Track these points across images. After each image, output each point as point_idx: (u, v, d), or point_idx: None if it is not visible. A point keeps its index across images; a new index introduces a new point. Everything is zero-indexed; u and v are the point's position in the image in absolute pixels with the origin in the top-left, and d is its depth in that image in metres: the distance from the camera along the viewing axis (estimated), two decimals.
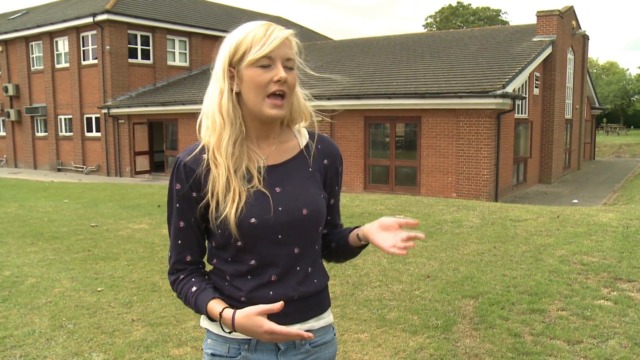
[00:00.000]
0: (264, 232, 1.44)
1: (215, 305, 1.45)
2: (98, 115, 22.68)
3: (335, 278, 5.31)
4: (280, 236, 1.46)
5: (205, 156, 1.47)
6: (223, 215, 1.42)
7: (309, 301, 1.53)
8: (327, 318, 1.59)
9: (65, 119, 24.28)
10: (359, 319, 4.31)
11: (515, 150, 15.66)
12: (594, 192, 16.12)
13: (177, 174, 1.48)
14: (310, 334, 1.40)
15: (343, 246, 1.63)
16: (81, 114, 23.35)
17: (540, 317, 4.26)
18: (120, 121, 21.92)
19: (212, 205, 1.44)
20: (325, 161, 1.60)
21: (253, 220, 1.43)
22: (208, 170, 1.45)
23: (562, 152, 19.71)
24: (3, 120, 27.24)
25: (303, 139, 1.59)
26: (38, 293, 5.21)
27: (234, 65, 1.44)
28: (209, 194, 1.44)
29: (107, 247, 7.09)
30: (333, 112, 16.03)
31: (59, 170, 24.53)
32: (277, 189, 1.48)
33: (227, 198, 1.42)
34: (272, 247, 1.46)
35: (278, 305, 1.37)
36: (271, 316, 1.44)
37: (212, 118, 1.46)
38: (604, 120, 52.45)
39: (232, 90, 1.45)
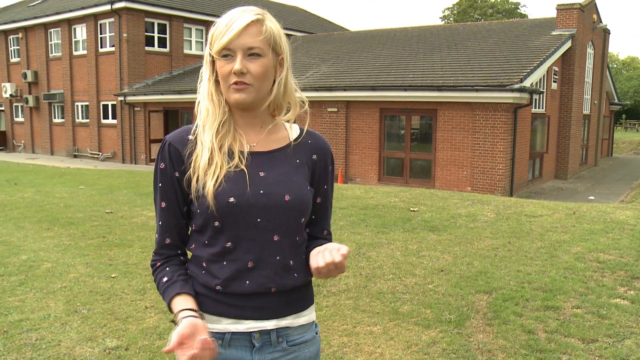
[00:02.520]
0: (242, 212, 1.42)
1: (179, 303, 1.42)
2: (114, 103, 22.81)
3: (348, 270, 5.31)
4: (259, 220, 1.43)
5: (191, 137, 1.48)
6: (203, 189, 1.42)
7: (287, 296, 1.50)
8: (308, 316, 1.56)
9: (82, 105, 24.45)
10: (372, 311, 4.30)
11: (532, 145, 15.51)
12: (610, 189, 15.93)
13: (162, 154, 1.49)
14: None
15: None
16: (98, 101, 23.51)
17: (555, 314, 4.22)
18: (136, 109, 22.04)
19: (193, 180, 1.44)
20: (314, 156, 1.57)
21: (232, 199, 1.41)
22: (191, 151, 1.46)
23: (579, 148, 19.50)
24: (21, 107, 27.52)
25: (293, 132, 1.58)
26: (53, 278, 5.26)
27: (212, 54, 1.47)
28: (191, 170, 1.45)
29: (121, 233, 7.14)
30: (349, 103, 16.00)
31: (75, 156, 24.74)
32: (261, 173, 1.47)
33: (208, 172, 1.42)
34: (250, 230, 1.43)
35: (213, 345, 1.32)
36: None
37: (202, 103, 1.51)
38: (623, 116, 51.70)
39: (213, 77, 1.49)
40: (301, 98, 1.57)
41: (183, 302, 1.42)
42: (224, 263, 1.45)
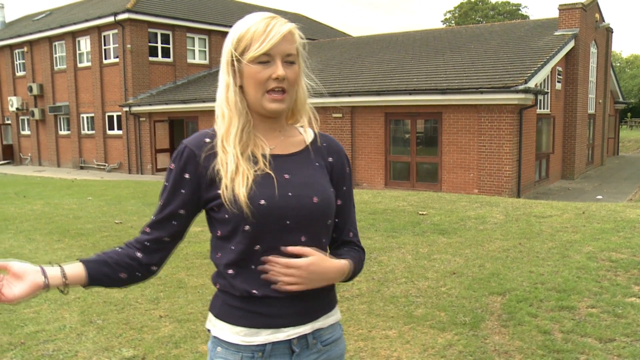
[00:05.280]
0: (272, 215, 1.41)
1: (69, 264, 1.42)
2: (119, 114, 22.92)
3: (360, 274, 5.29)
4: (288, 222, 1.42)
5: (208, 140, 1.48)
6: (233, 195, 1.40)
7: (318, 298, 1.51)
8: (335, 315, 1.58)
9: (87, 117, 24.58)
10: (386, 315, 4.30)
11: (538, 146, 15.49)
12: (618, 188, 15.88)
13: (176, 156, 1.48)
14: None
15: None
16: (103, 112, 23.62)
17: (570, 314, 4.21)
18: (141, 119, 22.13)
19: (222, 188, 1.42)
20: (331, 159, 1.58)
21: (262, 201, 1.40)
22: (209, 154, 1.45)
23: (585, 147, 19.45)
24: (28, 120, 27.69)
25: (308, 136, 1.59)
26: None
27: (236, 58, 1.44)
28: (217, 178, 1.43)
29: None
30: (353, 108, 16.02)
31: (81, 168, 24.84)
32: (286, 176, 1.46)
33: (236, 179, 1.41)
34: (279, 232, 1.42)
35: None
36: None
37: (221, 110, 1.48)
38: (628, 114, 51.52)
39: (236, 83, 1.46)
40: (310, 106, 1.59)
41: (71, 264, 1.43)
42: (252, 267, 1.44)
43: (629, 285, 4.81)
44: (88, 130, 24.65)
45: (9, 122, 29.02)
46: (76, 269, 1.43)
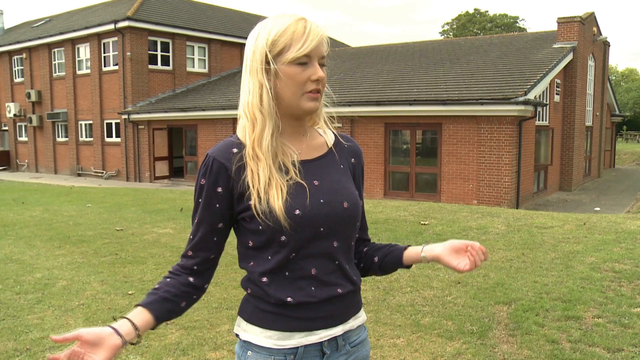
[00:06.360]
0: (307, 224, 1.40)
1: (132, 312, 1.39)
2: (118, 121, 22.90)
3: (365, 283, 5.30)
4: (322, 229, 1.42)
5: (235, 151, 1.43)
6: (268, 207, 1.37)
7: (348, 300, 1.51)
8: (362, 317, 1.59)
9: (85, 124, 24.55)
10: (393, 324, 4.30)
11: (536, 157, 15.55)
12: (615, 200, 15.93)
13: (205, 170, 1.43)
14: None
15: (392, 263, 1.60)
16: (101, 119, 23.60)
17: (576, 324, 4.22)
18: (140, 127, 22.11)
19: (253, 199, 1.39)
20: (353, 160, 1.59)
21: (297, 211, 1.39)
22: (240, 166, 1.41)
23: (582, 159, 19.53)
24: (25, 126, 27.62)
25: (329, 138, 1.59)
26: (70, 295, 5.26)
27: (270, 59, 1.40)
28: (249, 189, 1.40)
29: (133, 251, 7.14)
30: (353, 118, 16.05)
31: (78, 175, 24.77)
32: (316, 182, 1.46)
33: (270, 191, 1.38)
34: (313, 240, 1.42)
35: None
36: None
37: (252, 114, 1.42)
38: (624, 127, 51.80)
39: (270, 85, 1.41)
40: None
41: (134, 313, 1.39)
42: (286, 274, 1.43)
43: (634, 295, 4.82)
44: (86, 137, 24.61)
45: (6, 128, 28.94)
46: (143, 317, 1.40)
